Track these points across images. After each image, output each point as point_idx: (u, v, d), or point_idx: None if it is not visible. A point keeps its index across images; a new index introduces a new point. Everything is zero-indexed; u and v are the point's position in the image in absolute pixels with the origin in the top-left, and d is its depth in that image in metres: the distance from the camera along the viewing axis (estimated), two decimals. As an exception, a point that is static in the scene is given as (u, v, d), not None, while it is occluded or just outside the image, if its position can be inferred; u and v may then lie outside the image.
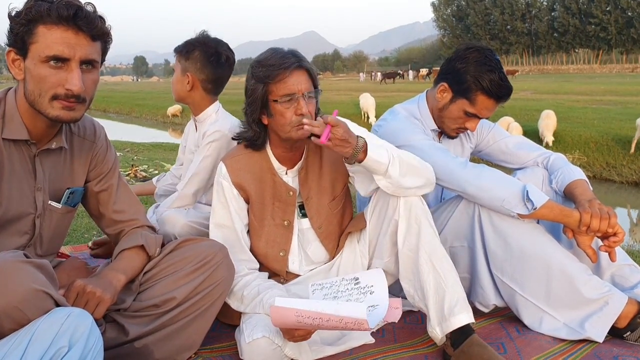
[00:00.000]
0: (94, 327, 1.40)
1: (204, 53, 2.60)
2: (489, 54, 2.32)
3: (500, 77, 2.27)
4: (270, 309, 1.64)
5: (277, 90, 1.92)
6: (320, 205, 2.15)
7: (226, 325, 2.20)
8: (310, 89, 1.96)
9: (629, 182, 10.73)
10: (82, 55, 1.58)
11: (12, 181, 1.71)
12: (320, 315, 1.62)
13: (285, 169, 2.13)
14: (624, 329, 2.13)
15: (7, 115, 1.68)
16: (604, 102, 19.90)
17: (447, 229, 2.35)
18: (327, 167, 2.15)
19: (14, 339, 1.33)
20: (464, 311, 1.96)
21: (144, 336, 1.81)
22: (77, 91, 1.57)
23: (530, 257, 2.18)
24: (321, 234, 2.18)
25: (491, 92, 2.28)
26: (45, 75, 1.56)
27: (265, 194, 2.11)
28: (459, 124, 2.41)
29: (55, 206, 1.84)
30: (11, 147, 1.70)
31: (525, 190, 2.13)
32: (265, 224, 2.13)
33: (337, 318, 1.63)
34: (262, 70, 1.92)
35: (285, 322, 1.67)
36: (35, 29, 1.55)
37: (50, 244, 1.89)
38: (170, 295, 1.83)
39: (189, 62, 2.60)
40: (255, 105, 1.97)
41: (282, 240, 2.15)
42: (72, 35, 1.56)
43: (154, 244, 1.92)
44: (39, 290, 1.37)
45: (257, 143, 2.07)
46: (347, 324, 1.64)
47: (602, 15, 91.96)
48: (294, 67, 1.91)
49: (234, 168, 2.09)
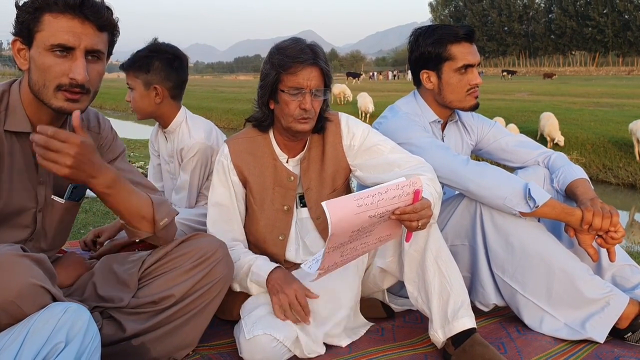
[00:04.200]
0: (92, 323, 1.37)
1: (165, 60, 2.56)
2: (424, 27, 2.45)
3: (448, 26, 2.37)
4: (327, 204, 1.54)
5: (287, 81, 1.94)
6: (320, 196, 2.14)
7: (225, 322, 2.17)
8: (320, 86, 1.98)
9: (625, 184, 10.76)
10: (87, 45, 1.55)
11: (13, 174, 1.68)
12: (378, 191, 1.62)
13: (286, 157, 2.15)
14: (625, 330, 2.12)
15: (11, 107, 1.65)
16: (601, 104, 19.97)
17: (448, 227, 2.33)
18: (329, 160, 2.15)
19: (10, 334, 1.31)
20: (467, 315, 1.94)
21: (141, 333, 1.78)
22: (81, 80, 1.54)
23: (531, 256, 2.17)
24: (319, 224, 2.16)
25: (455, 38, 2.32)
26: (49, 65, 1.54)
27: (266, 178, 2.12)
28: (464, 85, 2.37)
29: (59, 201, 1.80)
30: (13, 140, 1.67)
31: (527, 188, 2.12)
32: (265, 208, 2.13)
33: (393, 186, 1.65)
34: (278, 58, 1.95)
35: (345, 213, 1.58)
36: (41, 17, 1.53)
37: (55, 238, 1.86)
38: (169, 292, 1.80)
39: (152, 74, 2.54)
40: (265, 89, 2.01)
41: (282, 224, 2.15)
42: (78, 24, 1.54)
43: (163, 211, 1.80)
44: (36, 284, 1.34)
45: (264, 124, 2.11)
46: (403, 189, 1.67)
47: (599, 18, 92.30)
48: (308, 62, 1.93)
49: (236, 149, 2.12)
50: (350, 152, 2.14)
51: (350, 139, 2.13)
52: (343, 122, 2.16)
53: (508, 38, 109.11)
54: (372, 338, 2.16)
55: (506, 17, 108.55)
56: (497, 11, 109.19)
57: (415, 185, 1.70)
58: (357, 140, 2.13)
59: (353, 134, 2.14)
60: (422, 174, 1.94)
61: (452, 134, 2.56)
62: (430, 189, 1.90)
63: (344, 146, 2.14)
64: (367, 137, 2.13)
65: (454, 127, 2.58)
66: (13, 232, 1.72)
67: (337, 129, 2.14)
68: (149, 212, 1.76)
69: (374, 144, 2.11)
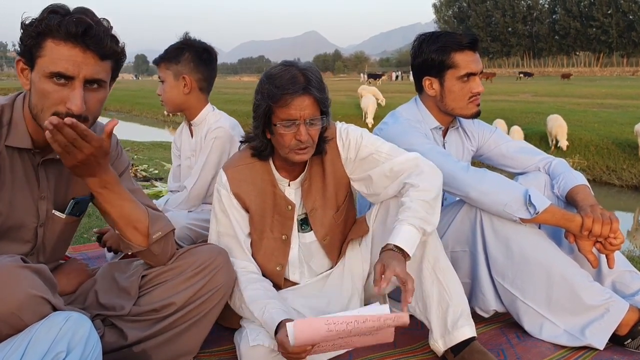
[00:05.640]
0: (93, 331, 1.39)
1: (195, 52, 2.62)
2: (427, 34, 2.45)
3: (452, 34, 2.36)
4: (296, 323, 1.54)
5: (279, 113, 1.84)
6: (324, 216, 2.10)
7: (225, 329, 2.18)
8: (314, 114, 1.87)
9: (629, 186, 10.73)
10: (87, 75, 1.53)
11: (14, 189, 1.68)
12: (356, 318, 1.52)
13: (287, 181, 2.07)
14: (624, 337, 2.12)
15: (13, 122, 1.65)
16: (605, 105, 19.92)
17: (448, 233, 2.34)
18: (330, 177, 2.09)
19: (11, 344, 1.33)
20: (467, 324, 1.95)
21: (143, 341, 1.80)
22: (77, 112, 1.51)
23: (531, 263, 2.17)
24: (326, 245, 2.13)
25: (459, 46, 2.33)
26: (48, 91, 1.52)
27: (266, 205, 2.05)
28: (466, 93, 2.38)
29: (59, 216, 1.80)
30: (14, 155, 1.66)
31: (527, 195, 2.13)
32: (264, 236, 2.07)
33: (374, 318, 1.53)
34: (268, 88, 1.84)
35: (312, 335, 1.55)
36: (43, 42, 1.51)
37: (54, 252, 1.86)
38: (170, 300, 1.82)
39: (181, 65, 2.61)
40: (258, 121, 1.91)
41: (279, 254, 2.09)
42: (79, 53, 1.51)
43: (158, 225, 1.80)
44: (37, 295, 1.36)
45: (263, 154, 2.01)
46: (385, 322, 1.55)
47: (603, 19, 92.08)
48: (299, 92, 1.81)
49: (235, 178, 2.03)
50: (348, 165, 2.08)
51: (347, 151, 2.06)
52: (338, 135, 2.06)
53: (512, 39, 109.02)
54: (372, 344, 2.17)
55: (510, 18, 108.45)
56: (501, 12, 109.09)
57: (399, 321, 1.56)
58: (352, 150, 2.05)
59: (348, 143, 2.05)
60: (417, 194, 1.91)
61: (453, 141, 2.57)
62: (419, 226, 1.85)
63: (342, 159, 2.07)
64: (361, 146, 2.04)
65: (455, 133, 2.58)
66: (14, 246, 1.72)
67: (334, 143, 2.06)
68: (143, 223, 1.76)
69: (368, 154, 2.03)
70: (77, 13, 1.53)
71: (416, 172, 1.97)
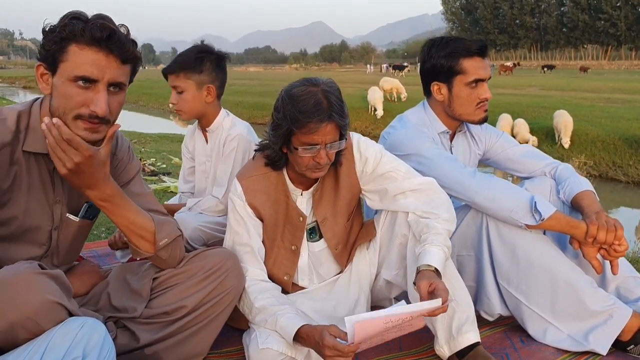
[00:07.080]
0: (107, 336, 1.43)
1: (213, 61, 2.62)
2: (437, 39, 2.46)
3: (461, 40, 2.38)
4: (356, 324, 1.57)
5: (300, 137, 1.84)
6: (336, 225, 2.13)
7: (234, 329, 2.22)
8: (335, 139, 1.87)
9: (635, 182, 10.71)
10: (110, 78, 1.58)
11: (31, 193, 1.72)
12: (411, 313, 1.63)
13: (300, 190, 2.10)
14: (627, 342, 2.15)
15: (31, 127, 1.68)
16: (612, 100, 19.81)
17: (454, 237, 2.36)
18: (343, 189, 2.11)
19: (29, 349, 1.37)
20: (471, 330, 1.98)
21: (154, 343, 1.84)
22: (102, 114, 1.56)
23: (536, 268, 2.20)
24: (337, 253, 2.17)
25: (468, 52, 2.35)
26: (71, 94, 1.56)
27: (279, 215, 2.08)
28: (474, 99, 2.39)
29: (73, 219, 1.84)
30: (31, 159, 1.70)
31: (533, 201, 2.15)
32: (275, 245, 2.10)
33: (418, 311, 1.65)
34: (292, 112, 1.81)
35: (370, 333, 1.63)
36: (67, 47, 1.54)
37: (67, 254, 1.91)
38: (181, 303, 1.86)
39: (204, 75, 2.59)
40: (278, 138, 1.90)
41: (288, 263, 2.13)
42: (103, 57, 1.56)
43: (164, 232, 1.82)
44: (53, 301, 1.39)
45: (278, 164, 2.02)
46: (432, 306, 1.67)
47: (612, 11, 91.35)
48: (324, 120, 1.80)
49: (250, 188, 2.04)
50: (363, 177, 2.09)
51: (363, 164, 2.07)
52: (355, 147, 2.07)
53: (519, 31, 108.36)
54: (377, 346, 2.19)
55: (518, 10, 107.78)
56: (508, 4, 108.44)
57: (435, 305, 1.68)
58: (370, 166, 2.06)
59: (366, 158, 2.06)
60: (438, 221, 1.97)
61: (460, 145, 2.59)
62: (444, 245, 1.93)
63: (357, 172, 2.09)
64: (380, 162, 2.06)
65: (462, 137, 2.60)
66: (29, 249, 1.76)
67: (350, 155, 2.07)
68: (149, 231, 1.79)
69: (387, 170, 2.06)
70: (99, 19, 1.57)
71: (436, 201, 2.04)
